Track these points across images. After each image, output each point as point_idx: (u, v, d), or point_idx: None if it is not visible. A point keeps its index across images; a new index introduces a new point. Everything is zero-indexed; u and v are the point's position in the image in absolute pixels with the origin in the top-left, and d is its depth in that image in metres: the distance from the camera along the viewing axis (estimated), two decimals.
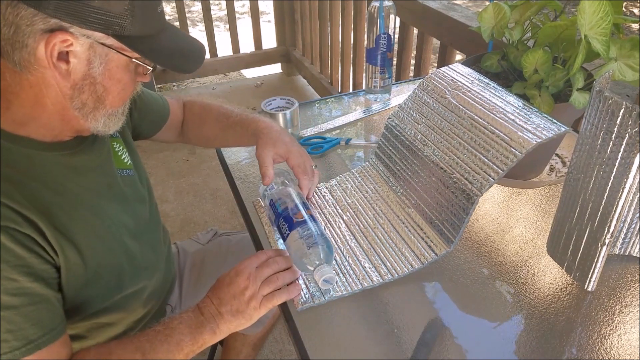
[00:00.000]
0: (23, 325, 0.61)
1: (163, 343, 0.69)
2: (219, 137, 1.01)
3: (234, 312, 0.70)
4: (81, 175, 0.73)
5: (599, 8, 0.71)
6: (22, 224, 0.61)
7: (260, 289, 0.71)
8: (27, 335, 0.61)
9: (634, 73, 0.74)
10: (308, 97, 3.11)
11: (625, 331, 0.66)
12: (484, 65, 0.94)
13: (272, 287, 0.71)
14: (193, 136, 1.06)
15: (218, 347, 1.36)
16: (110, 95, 0.68)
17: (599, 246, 0.67)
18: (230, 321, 0.70)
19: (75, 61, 0.62)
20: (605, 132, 0.61)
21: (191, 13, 4.96)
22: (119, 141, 0.86)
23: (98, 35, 0.61)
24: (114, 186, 0.79)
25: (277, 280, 0.72)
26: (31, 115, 0.65)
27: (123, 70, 0.67)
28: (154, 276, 0.88)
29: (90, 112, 0.68)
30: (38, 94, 0.64)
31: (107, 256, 0.74)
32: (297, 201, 0.80)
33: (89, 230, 0.71)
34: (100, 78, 0.65)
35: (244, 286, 0.71)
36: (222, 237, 1.21)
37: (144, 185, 0.90)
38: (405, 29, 1.91)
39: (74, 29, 0.59)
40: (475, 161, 0.75)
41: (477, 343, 0.65)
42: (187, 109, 1.06)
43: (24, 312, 0.61)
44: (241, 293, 0.70)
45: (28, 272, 0.61)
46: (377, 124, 1.18)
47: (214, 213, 2.21)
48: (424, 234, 0.80)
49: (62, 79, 0.62)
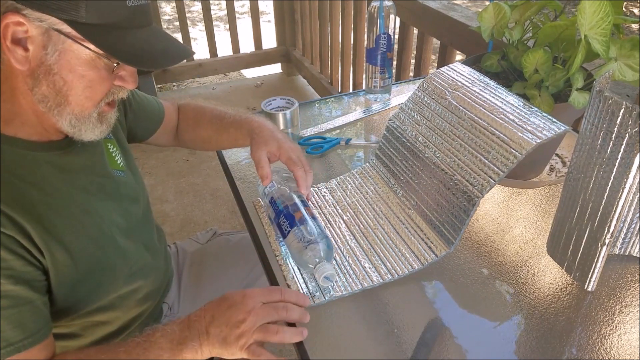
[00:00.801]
0: (4, 328, 0.61)
1: (140, 356, 0.66)
2: (213, 139, 1.01)
3: (220, 340, 0.65)
4: (72, 174, 0.72)
5: (600, 8, 0.71)
6: (6, 226, 0.61)
7: (254, 332, 0.64)
8: (8, 338, 0.61)
9: (634, 73, 0.74)
10: (308, 97, 3.11)
11: (625, 331, 0.66)
12: (484, 65, 0.94)
13: (268, 338, 0.65)
14: (188, 139, 1.06)
15: None
16: (73, 91, 0.65)
17: (599, 246, 0.67)
18: (214, 345, 0.65)
19: (32, 47, 0.61)
20: (605, 132, 0.61)
21: (191, 13, 4.96)
22: (112, 142, 0.86)
23: (53, 21, 0.60)
24: (106, 186, 0.79)
25: (275, 334, 0.65)
26: (12, 111, 0.65)
27: (86, 65, 0.64)
28: (149, 276, 0.88)
29: (54, 108, 0.65)
30: (12, 87, 0.64)
31: (98, 255, 0.74)
32: (297, 199, 0.80)
33: (79, 229, 0.71)
34: (57, 68, 0.63)
35: (241, 318, 0.64)
36: (222, 237, 1.21)
37: (139, 185, 0.90)
38: (405, 29, 1.91)
39: (27, 11, 0.58)
40: (476, 163, 0.75)
41: (477, 343, 0.65)
42: (182, 111, 1.06)
43: (5, 314, 0.60)
44: (235, 325, 0.64)
45: (9, 274, 0.61)
46: (377, 124, 1.18)
47: (214, 213, 2.21)
48: (424, 235, 0.80)
49: (19, 65, 0.61)
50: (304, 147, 1.08)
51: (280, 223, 0.78)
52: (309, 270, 0.73)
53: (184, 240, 1.22)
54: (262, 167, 0.83)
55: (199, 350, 0.66)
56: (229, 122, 0.97)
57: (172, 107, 1.05)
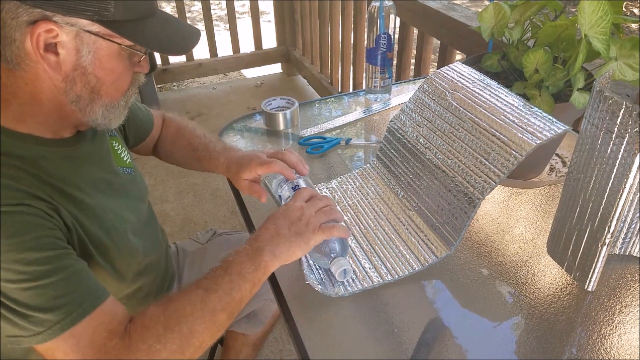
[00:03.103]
0: (69, 289, 0.60)
1: (224, 276, 0.66)
2: (187, 164, 1.02)
3: (293, 234, 0.69)
4: (83, 169, 0.73)
5: (598, 7, 0.71)
6: (39, 204, 0.61)
7: (316, 215, 0.71)
8: (77, 298, 0.60)
9: (634, 73, 0.74)
10: (308, 97, 3.11)
11: (625, 331, 0.66)
12: (484, 65, 0.94)
13: (326, 217, 0.71)
14: (164, 154, 1.06)
15: (218, 347, 1.36)
16: (104, 86, 0.67)
17: (599, 246, 0.67)
18: (290, 242, 0.69)
19: (63, 52, 0.61)
20: (606, 132, 0.61)
21: (191, 13, 4.97)
22: (117, 140, 0.86)
23: (83, 23, 0.60)
24: (114, 183, 0.79)
25: (330, 212, 0.72)
26: (29, 112, 0.65)
27: (115, 59, 0.66)
28: (153, 275, 0.88)
29: (87, 105, 0.67)
30: (33, 91, 0.64)
31: (112, 251, 0.74)
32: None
33: (97, 222, 0.71)
34: (91, 68, 0.64)
35: (300, 214, 0.71)
36: (222, 237, 1.21)
37: (142, 183, 0.90)
38: (405, 29, 1.91)
39: (58, 17, 0.59)
40: (477, 164, 0.75)
41: (477, 343, 0.65)
42: (165, 125, 1.06)
43: (64, 277, 0.60)
44: (298, 219, 0.70)
45: (55, 242, 0.61)
46: (377, 124, 1.18)
47: (214, 213, 2.21)
48: (424, 236, 0.80)
49: (52, 71, 0.62)
50: (304, 147, 1.08)
51: None
52: (324, 264, 0.73)
53: (184, 240, 1.22)
54: (251, 191, 0.84)
55: (277, 251, 0.68)
56: (201, 155, 0.96)
57: (159, 119, 1.05)
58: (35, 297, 0.58)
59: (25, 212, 0.59)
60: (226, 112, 2.96)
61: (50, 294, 0.59)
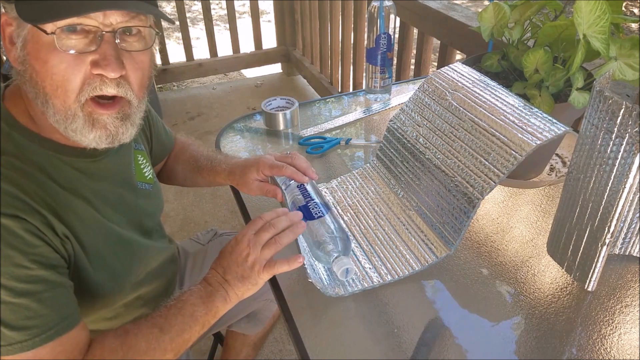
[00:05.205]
0: (41, 312, 0.60)
1: (177, 316, 0.68)
2: (189, 179, 1.01)
3: (240, 278, 0.69)
4: (95, 182, 0.72)
5: (596, 7, 0.71)
6: (32, 216, 0.61)
7: (261, 254, 0.70)
8: (47, 322, 0.61)
9: (634, 72, 0.74)
10: (308, 97, 3.11)
11: (625, 331, 0.66)
12: (484, 65, 0.94)
13: (273, 250, 0.70)
14: (166, 173, 1.05)
15: (218, 347, 1.36)
16: (47, 83, 0.61)
17: (599, 246, 0.67)
18: (238, 287, 0.70)
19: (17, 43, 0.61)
20: (605, 132, 0.61)
21: (191, 13, 4.96)
22: (143, 154, 0.85)
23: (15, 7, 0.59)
24: (126, 197, 0.79)
25: (275, 243, 0.70)
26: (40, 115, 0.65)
27: (45, 48, 0.59)
28: (153, 284, 0.89)
29: (44, 105, 0.63)
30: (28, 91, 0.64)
31: (112, 262, 0.74)
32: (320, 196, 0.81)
33: (96, 234, 0.71)
34: (28, 57, 0.61)
35: (245, 253, 0.70)
36: (223, 237, 1.21)
37: (158, 200, 0.90)
38: (405, 29, 1.91)
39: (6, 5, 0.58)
40: (476, 164, 0.75)
41: (477, 343, 0.65)
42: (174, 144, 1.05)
43: (40, 298, 0.60)
44: (244, 260, 0.70)
45: (40, 260, 0.61)
46: (377, 124, 1.18)
47: (214, 213, 2.21)
48: (424, 237, 0.80)
49: (15, 64, 0.61)
50: (304, 147, 1.08)
51: (309, 205, 0.77)
52: (326, 263, 0.73)
53: (184, 240, 1.22)
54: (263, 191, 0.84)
55: (227, 297, 0.70)
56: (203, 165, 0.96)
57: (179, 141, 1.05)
58: (7, 313, 0.58)
59: (17, 227, 0.59)
60: (226, 112, 2.96)
61: (23, 313, 0.59)
